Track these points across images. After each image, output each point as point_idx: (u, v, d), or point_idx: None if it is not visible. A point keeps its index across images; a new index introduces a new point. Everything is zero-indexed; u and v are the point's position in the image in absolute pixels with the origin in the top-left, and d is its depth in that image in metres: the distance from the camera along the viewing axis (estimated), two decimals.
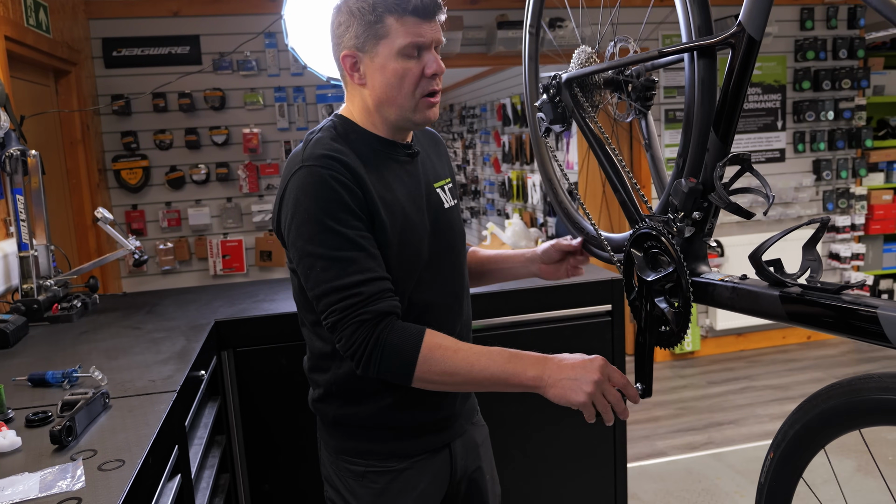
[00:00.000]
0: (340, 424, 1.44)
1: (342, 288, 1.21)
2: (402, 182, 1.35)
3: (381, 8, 1.24)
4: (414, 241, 1.33)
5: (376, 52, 1.27)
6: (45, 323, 2.08)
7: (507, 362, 1.19)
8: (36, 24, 3.00)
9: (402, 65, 1.27)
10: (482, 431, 1.63)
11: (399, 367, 1.21)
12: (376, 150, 1.34)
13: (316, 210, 1.22)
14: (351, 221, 1.23)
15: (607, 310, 2.34)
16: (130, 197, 4.13)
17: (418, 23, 1.25)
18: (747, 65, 0.99)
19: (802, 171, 5.23)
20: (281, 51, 4.18)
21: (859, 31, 5.16)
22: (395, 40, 1.25)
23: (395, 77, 1.27)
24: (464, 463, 1.51)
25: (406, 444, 1.43)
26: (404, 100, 1.29)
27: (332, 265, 1.21)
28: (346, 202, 1.23)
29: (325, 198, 1.23)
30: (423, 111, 1.31)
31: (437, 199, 1.42)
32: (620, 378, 1.17)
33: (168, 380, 1.52)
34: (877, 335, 0.78)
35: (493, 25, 4.42)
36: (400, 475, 1.42)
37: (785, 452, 1.02)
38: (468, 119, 8.80)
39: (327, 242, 1.22)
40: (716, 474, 3.35)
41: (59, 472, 1.08)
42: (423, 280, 1.36)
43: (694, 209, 1.09)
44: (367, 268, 1.22)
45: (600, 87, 1.38)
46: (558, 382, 1.17)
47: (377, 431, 1.41)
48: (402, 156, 1.38)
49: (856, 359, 5.00)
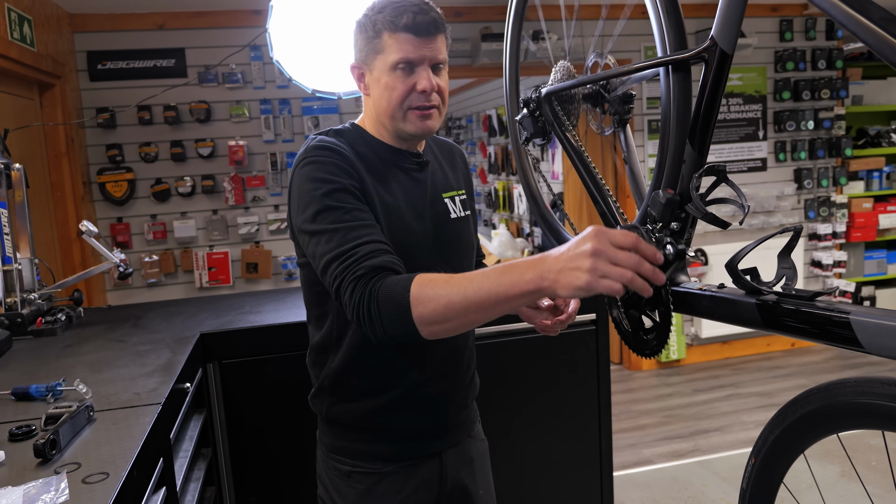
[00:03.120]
0: (332, 422, 1.46)
1: (342, 253, 1.21)
2: (405, 188, 1.40)
3: (379, 24, 1.31)
4: (408, 244, 1.35)
5: (374, 66, 1.35)
6: (29, 337, 2.07)
7: (501, 275, 1.06)
8: (20, 38, 3.00)
9: (392, 79, 1.32)
10: (480, 446, 1.61)
11: (396, 314, 1.13)
12: (382, 156, 1.40)
13: (316, 193, 1.27)
14: (349, 199, 1.27)
15: (592, 318, 2.36)
16: (115, 210, 4.11)
17: (411, 40, 1.30)
18: (720, 78, 1.02)
19: (784, 180, 5.30)
20: (266, 63, 4.19)
21: (837, 42, 5.25)
22: (388, 56, 1.32)
23: (385, 90, 1.34)
24: (455, 474, 1.50)
25: (393, 448, 1.43)
26: (394, 111, 1.35)
27: (334, 236, 1.23)
28: (343, 184, 1.28)
29: (324, 179, 1.28)
30: (414, 122, 1.35)
31: (444, 208, 1.45)
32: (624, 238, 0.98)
33: (153, 392, 1.52)
34: (850, 340, 0.80)
35: (478, 38, 4.46)
36: (385, 478, 1.43)
37: (765, 458, 1.04)
38: (454, 130, 8.84)
39: (328, 218, 1.25)
40: (702, 481, 3.37)
41: (43, 485, 1.08)
42: None
43: (672, 220, 1.11)
44: (364, 234, 1.23)
45: (579, 101, 1.41)
46: (560, 275, 1.00)
47: (365, 432, 1.43)
48: (408, 163, 1.42)
49: (839, 365, 5.05)
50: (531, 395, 2.33)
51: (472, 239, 1.54)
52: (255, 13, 4.11)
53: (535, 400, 2.34)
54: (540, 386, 2.34)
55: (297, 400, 1.96)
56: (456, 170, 1.56)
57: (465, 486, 1.52)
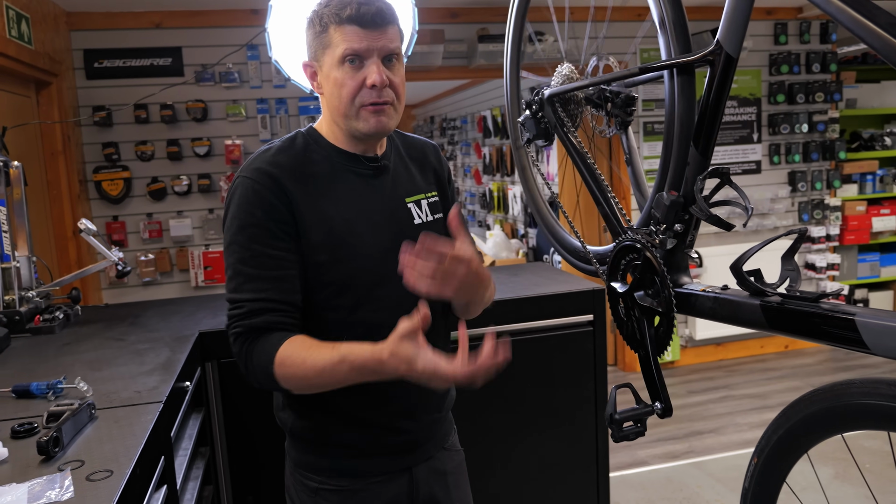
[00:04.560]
0: (296, 436, 1.42)
1: (233, 300, 1.27)
2: (359, 196, 1.33)
3: (325, 18, 1.26)
4: (356, 257, 1.30)
5: (324, 62, 1.29)
6: (27, 334, 2.06)
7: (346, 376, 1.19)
8: (18, 36, 2.99)
9: (341, 74, 1.26)
10: (455, 458, 1.54)
11: (264, 378, 1.24)
12: (335, 162, 1.34)
13: (236, 222, 1.27)
14: (264, 239, 1.26)
15: (589, 319, 2.37)
16: (111, 208, 4.10)
17: (357, 31, 1.24)
18: (725, 81, 1.03)
19: (778, 183, 5.33)
20: (263, 63, 4.19)
21: (831, 46, 5.29)
22: (335, 49, 1.25)
23: (335, 86, 1.27)
24: (428, 489, 1.44)
25: (359, 464, 1.38)
26: (345, 109, 1.28)
27: (235, 277, 1.27)
28: (262, 220, 1.26)
29: (245, 212, 1.26)
30: (367, 120, 1.28)
31: (407, 214, 1.38)
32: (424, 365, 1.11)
33: (153, 391, 1.52)
34: (855, 342, 0.81)
35: (475, 39, 4.47)
36: (354, 495, 1.37)
37: (769, 457, 1.05)
38: (449, 131, 8.84)
39: (236, 254, 1.27)
40: (696, 482, 3.39)
41: (48, 482, 1.08)
42: (373, 298, 1.32)
43: (675, 221, 1.12)
44: (260, 287, 1.25)
45: (581, 104, 1.41)
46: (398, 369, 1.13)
47: (330, 448, 1.38)
48: (363, 169, 1.35)
49: (832, 367, 5.08)
50: (527, 396, 2.34)
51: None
52: (253, 13, 4.11)
53: (532, 400, 2.34)
54: (536, 386, 2.34)
55: None
56: (426, 171, 1.47)
57: (437, 502, 1.46)
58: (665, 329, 1.16)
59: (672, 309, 1.12)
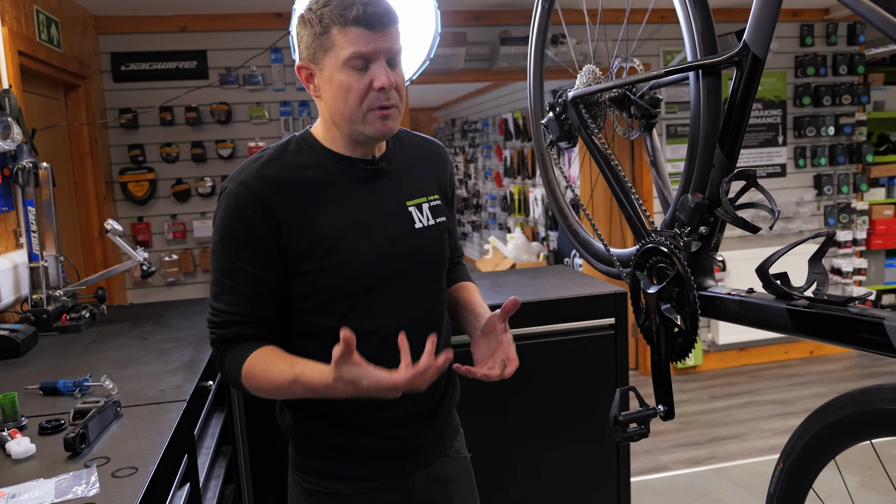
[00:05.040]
0: (293, 438, 1.41)
1: (212, 307, 1.31)
2: (354, 201, 1.30)
3: (327, 19, 1.20)
4: (348, 264, 1.28)
5: (325, 64, 1.23)
6: (54, 333, 2.10)
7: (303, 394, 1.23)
8: (48, 40, 3.04)
9: (347, 77, 1.22)
10: (458, 465, 1.48)
11: (239, 387, 1.30)
12: (328, 167, 1.30)
13: (218, 232, 1.29)
14: (241, 253, 1.27)
15: (611, 323, 2.35)
16: (136, 209, 4.15)
17: (363, 33, 1.19)
18: (752, 83, 1.02)
19: (803, 186, 5.26)
20: (287, 66, 4.22)
21: (859, 48, 5.21)
22: (339, 52, 1.21)
23: (340, 90, 1.23)
24: (425, 497, 1.40)
25: (353, 469, 1.36)
26: (352, 113, 1.24)
27: (216, 283, 1.31)
28: (241, 234, 1.26)
29: (227, 225, 1.27)
30: (374, 124, 1.25)
31: (407, 218, 1.34)
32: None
33: (177, 389, 1.54)
34: (884, 346, 0.80)
35: (497, 41, 4.47)
36: (346, 500, 1.35)
37: (794, 463, 1.03)
38: (470, 133, 8.85)
39: (216, 263, 1.30)
40: (719, 489, 3.35)
41: (74, 478, 1.10)
42: (366, 305, 1.30)
43: (700, 224, 1.11)
44: (233, 301, 1.28)
45: (606, 105, 1.41)
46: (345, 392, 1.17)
47: (323, 450, 1.36)
48: (359, 173, 1.32)
49: (858, 374, 5.00)
50: (548, 399, 2.33)
51: (441, 250, 1.40)
52: (277, 16, 4.15)
53: (552, 403, 2.34)
54: (557, 389, 2.33)
55: None
56: (431, 173, 1.42)
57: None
58: (684, 342, 1.15)
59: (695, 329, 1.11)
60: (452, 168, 1.50)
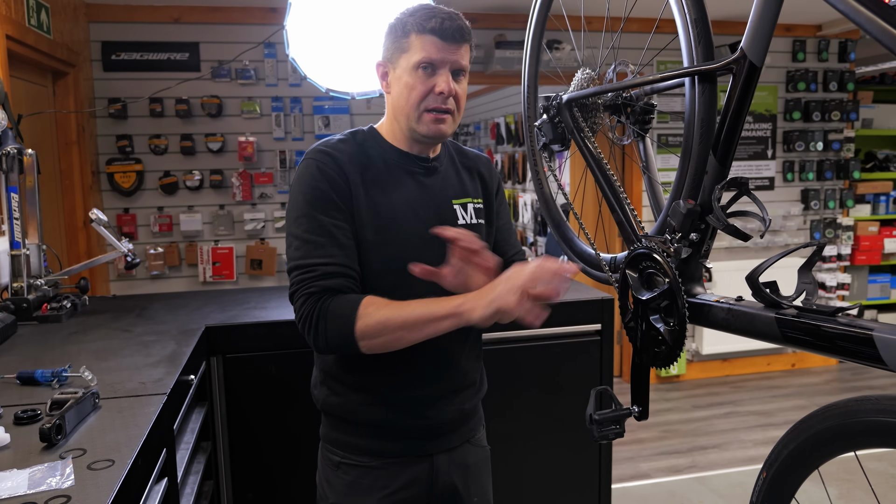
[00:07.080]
0: (327, 413, 1.51)
1: (304, 265, 1.34)
2: (408, 192, 1.44)
3: (409, 26, 1.37)
4: (398, 242, 1.40)
5: (398, 64, 1.40)
6: (34, 322, 2.06)
7: (432, 302, 1.28)
8: (37, 25, 3.01)
9: (414, 78, 1.38)
10: (479, 453, 1.60)
11: (340, 328, 1.30)
12: (388, 159, 1.45)
13: (302, 197, 1.37)
14: (329, 211, 1.36)
15: (597, 329, 2.35)
16: (123, 200, 4.11)
17: (436, 42, 1.36)
18: (748, 90, 1.01)
19: (791, 200, 5.29)
20: (280, 61, 4.20)
21: (849, 65, 5.26)
22: (412, 55, 1.37)
23: (406, 88, 1.39)
24: (447, 479, 1.50)
25: (381, 444, 1.46)
26: (410, 110, 1.40)
27: (303, 245, 1.35)
28: (327, 193, 1.36)
29: (311, 185, 1.37)
30: (427, 124, 1.40)
31: (452, 214, 1.49)
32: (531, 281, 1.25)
33: (158, 382, 1.52)
34: (872, 357, 0.79)
35: (492, 45, 4.47)
36: (371, 472, 1.45)
37: (778, 472, 1.03)
38: (462, 136, 8.85)
39: (304, 226, 1.36)
40: (699, 497, 3.36)
41: (48, 469, 1.07)
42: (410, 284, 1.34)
43: (691, 230, 1.11)
44: (330, 253, 1.34)
45: (600, 110, 1.40)
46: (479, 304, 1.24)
47: (354, 426, 1.46)
48: (415, 168, 1.47)
49: (839, 387, 5.04)
50: (532, 403, 2.32)
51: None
52: (271, 11, 4.12)
53: (536, 408, 2.33)
54: (541, 394, 2.33)
55: (297, 397, 1.95)
56: (474, 179, 1.58)
57: (456, 492, 1.52)
58: (668, 351, 1.14)
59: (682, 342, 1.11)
60: (499, 178, 1.65)
